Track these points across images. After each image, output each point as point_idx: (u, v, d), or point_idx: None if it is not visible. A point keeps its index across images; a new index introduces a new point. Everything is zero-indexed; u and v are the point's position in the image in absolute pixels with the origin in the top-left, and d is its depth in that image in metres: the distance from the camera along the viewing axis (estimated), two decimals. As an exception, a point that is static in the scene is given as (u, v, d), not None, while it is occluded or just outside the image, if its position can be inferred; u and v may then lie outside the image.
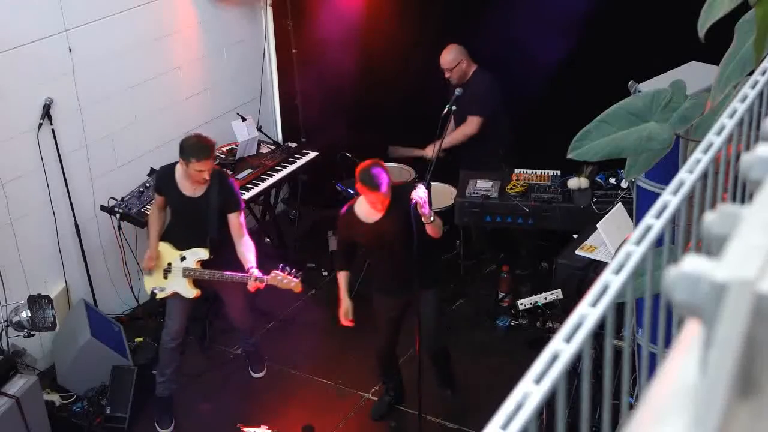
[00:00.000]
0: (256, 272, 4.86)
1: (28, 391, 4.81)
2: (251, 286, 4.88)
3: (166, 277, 5.12)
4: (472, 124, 6.09)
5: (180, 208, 5.09)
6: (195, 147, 4.82)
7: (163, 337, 5.22)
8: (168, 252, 5.13)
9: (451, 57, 6.10)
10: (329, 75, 6.73)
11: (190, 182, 4.94)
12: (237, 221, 4.99)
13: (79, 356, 5.43)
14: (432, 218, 4.56)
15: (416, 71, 6.41)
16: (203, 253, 5.02)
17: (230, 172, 5.85)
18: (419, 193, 4.49)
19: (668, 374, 0.72)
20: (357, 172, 4.58)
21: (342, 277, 4.95)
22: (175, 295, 5.12)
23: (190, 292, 5.08)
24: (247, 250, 4.93)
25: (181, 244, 5.09)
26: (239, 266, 4.97)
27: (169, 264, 5.11)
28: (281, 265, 4.95)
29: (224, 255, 4.98)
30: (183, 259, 5.07)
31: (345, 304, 4.95)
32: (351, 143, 6.83)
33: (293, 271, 4.90)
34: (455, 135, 6.06)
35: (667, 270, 0.72)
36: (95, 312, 5.79)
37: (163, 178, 5.12)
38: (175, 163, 5.02)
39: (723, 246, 0.73)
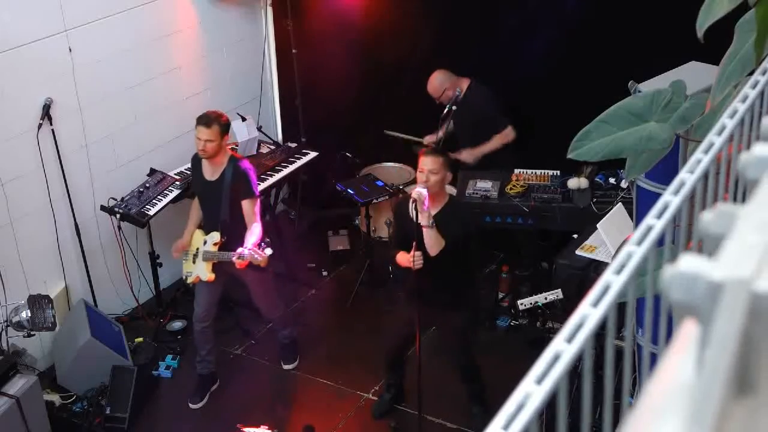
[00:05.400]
0: (240, 249, 5.00)
1: (28, 391, 4.81)
2: (236, 263, 5.03)
3: (194, 262, 5.35)
4: (505, 135, 6.14)
5: (201, 191, 5.40)
6: (200, 115, 5.14)
7: (192, 320, 5.54)
8: (198, 238, 5.39)
9: (436, 84, 6.16)
10: (329, 75, 6.73)
11: (208, 164, 5.21)
12: (248, 208, 5.17)
13: (79, 356, 5.43)
14: (431, 223, 4.54)
15: (416, 71, 6.41)
16: (217, 236, 5.25)
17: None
18: (420, 189, 4.48)
19: (665, 373, 0.72)
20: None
21: (399, 253, 4.76)
22: (201, 280, 5.34)
23: (205, 275, 5.28)
24: (250, 234, 5.10)
25: (206, 229, 5.36)
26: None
27: (197, 249, 5.35)
28: (261, 241, 5.09)
29: (237, 239, 5.13)
30: (205, 243, 5.30)
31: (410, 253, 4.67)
32: (351, 143, 6.84)
33: (263, 246, 5.03)
34: (493, 144, 6.14)
35: (665, 269, 0.72)
36: (95, 312, 5.79)
37: (192, 163, 5.43)
38: None
39: (720, 245, 0.73)
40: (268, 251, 5.01)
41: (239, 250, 4.99)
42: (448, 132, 6.22)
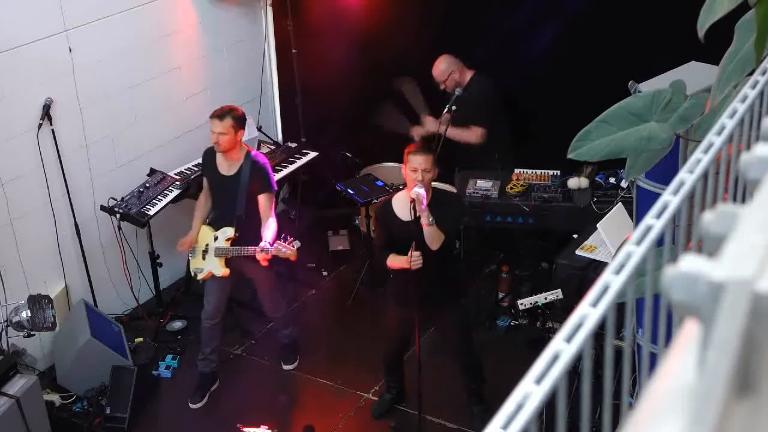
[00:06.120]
0: (262, 244, 5.02)
1: (28, 391, 4.81)
2: (259, 257, 5.03)
3: (204, 258, 5.34)
4: (475, 134, 6.06)
5: (216, 186, 5.37)
6: (215, 110, 5.14)
7: (201, 317, 5.48)
8: (206, 234, 5.37)
9: (443, 67, 6.11)
10: (329, 75, 6.73)
11: (224, 159, 5.21)
12: (264, 202, 5.19)
13: (79, 356, 5.43)
14: (431, 220, 4.55)
15: (416, 71, 6.41)
16: (231, 231, 5.24)
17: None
18: (417, 190, 4.48)
19: (666, 373, 0.72)
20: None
21: (391, 255, 4.72)
22: (212, 276, 5.33)
23: (219, 270, 5.28)
24: (266, 229, 5.12)
25: (217, 224, 5.34)
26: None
27: (207, 245, 5.34)
28: (284, 234, 5.10)
29: (251, 233, 5.14)
30: (216, 238, 5.30)
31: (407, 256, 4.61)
32: (351, 143, 6.83)
33: (290, 240, 5.03)
34: (459, 135, 6.02)
35: (666, 269, 0.72)
36: (95, 312, 5.79)
37: (205, 158, 5.43)
38: None
39: (721, 246, 0.73)
40: (297, 243, 5.01)
41: (262, 244, 4.99)
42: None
